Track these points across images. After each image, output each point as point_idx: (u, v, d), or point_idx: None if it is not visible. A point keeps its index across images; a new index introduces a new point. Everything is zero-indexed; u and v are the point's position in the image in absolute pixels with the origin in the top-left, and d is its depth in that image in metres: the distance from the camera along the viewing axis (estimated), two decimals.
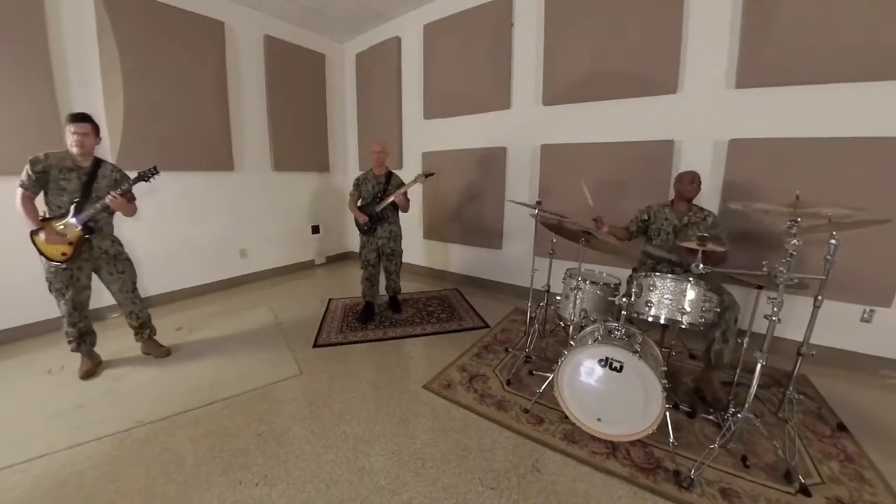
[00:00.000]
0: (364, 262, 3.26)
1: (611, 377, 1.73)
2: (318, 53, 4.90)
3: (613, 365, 1.72)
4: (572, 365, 1.81)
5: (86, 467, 1.74)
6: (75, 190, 2.24)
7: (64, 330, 2.44)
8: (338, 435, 1.88)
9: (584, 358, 1.79)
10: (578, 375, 1.81)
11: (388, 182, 3.12)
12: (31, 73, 2.94)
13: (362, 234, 3.20)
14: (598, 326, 1.92)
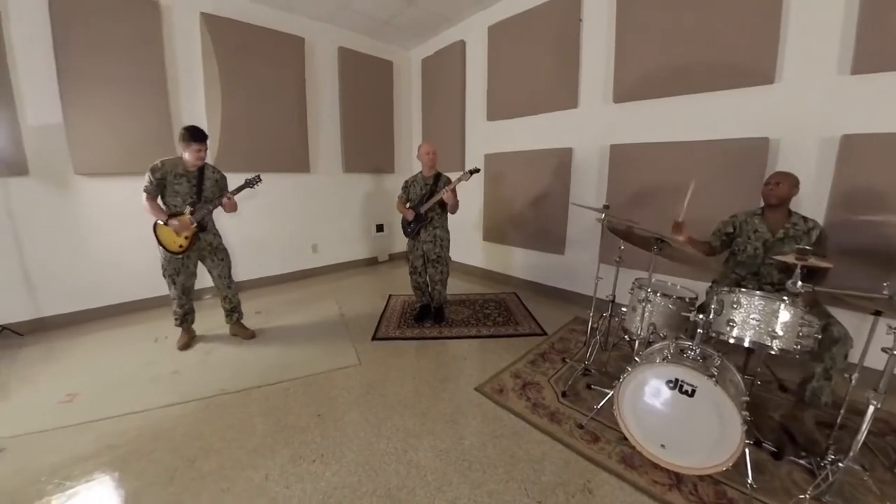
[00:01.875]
0: (412, 268, 3.21)
1: (680, 401, 1.57)
2: (387, 61, 5.16)
3: (684, 388, 1.56)
4: (636, 383, 1.68)
5: (176, 424, 2.01)
6: (186, 192, 2.62)
7: (173, 309, 2.87)
8: (389, 426, 1.95)
9: (650, 377, 1.65)
10: (642, 395, 1.67)
11: (437, 184, 3.03)
12: (151, 89, 3.51)
13: (407, 237, 3.17)
14: (668, 344, 1.76)
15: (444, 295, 3.25)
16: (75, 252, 3.41)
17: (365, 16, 4.36)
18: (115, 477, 1.69)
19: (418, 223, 3.02)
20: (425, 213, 2.97)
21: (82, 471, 1.72)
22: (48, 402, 2.26)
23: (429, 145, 3.04)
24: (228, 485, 1.61)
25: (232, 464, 1.73)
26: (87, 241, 3.45)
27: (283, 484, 1.60)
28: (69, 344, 3.06)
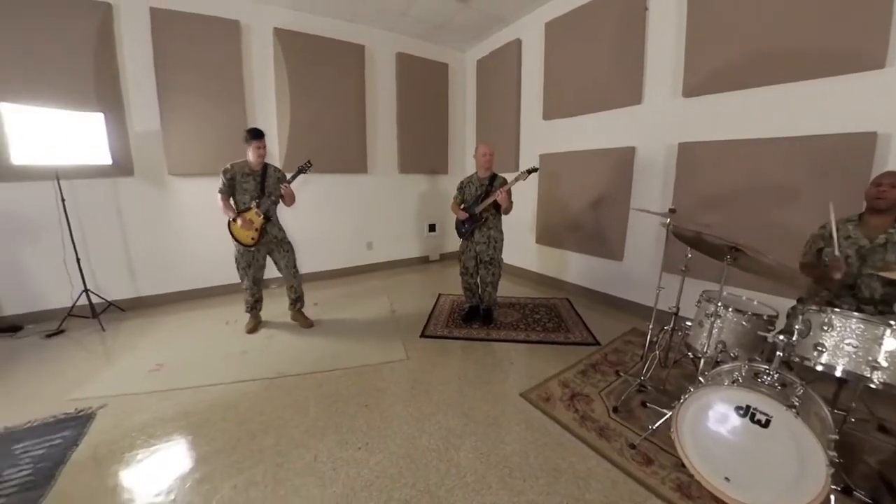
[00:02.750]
0: (463, 269, 3.19)
1: (751, 431, 1.41)
2: (442, 63, 5.24)
3: (756, 417, 1.39)
4: (699, 406, 1.54)
5: (241, 399, 2.22)
6: (252, 189, 2.89)
7: (244, 297, 3.18)
8: (433, 423, 1.97)
9: (716, 400, 1.50)
10: (706, 420, 1.52)
11: (492, 184, 2.99)
12: (231, 99, 3.93)
13: (461, 238, 3.17)
14: (739, 365, 1.58)
15: (493, 297, 3.21)
16: (167, 242, 3.91)
17: (421, 21, 4.47)
18: (189, 440, 1.90)
19: (472, 224, 3.01)
20: (480, 213, 2.97)
21: (163, 431, 1.95)
22: (141, 369, 2.61)
23: (486, 146, 3.02)
24: (282, 460, 1.74)
25: (286, 441, 1.86)
26: (176, 234, 3.94)
27: (331, 466, 1.69)
28: (159, 321, 3.50)
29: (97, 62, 3.38)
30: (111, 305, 3.67)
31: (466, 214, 3.01)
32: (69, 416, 2.12)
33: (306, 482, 1.61)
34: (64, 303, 3.47)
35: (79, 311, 3.41)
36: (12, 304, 3.45)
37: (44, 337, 3.17)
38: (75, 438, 1.93)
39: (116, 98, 3.51)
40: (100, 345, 3.06)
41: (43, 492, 1.61)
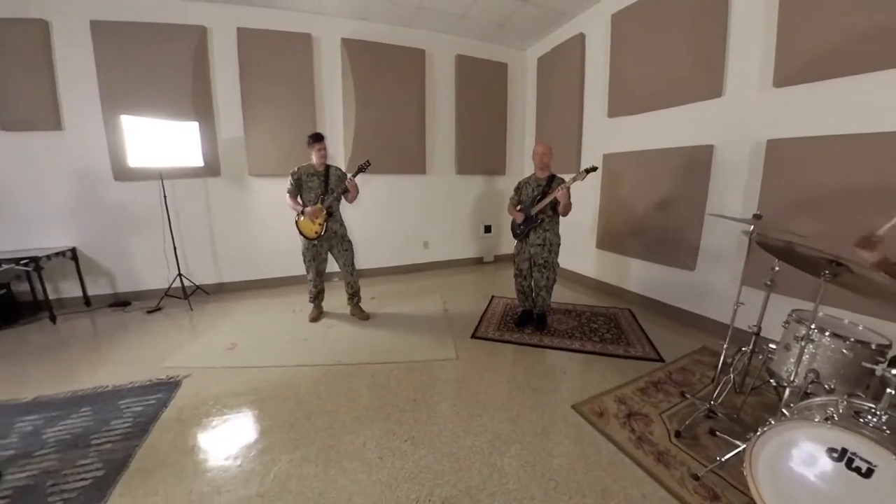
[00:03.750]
0: (517, 271, 3.14)
1: (847, 479, 1.20)
2: (502, 63, 5.17)
3: (855, 464, 1.18)
4: (781, 442, 1.35)
5: (302, 382, 2.39)
6: (317, 188, 3.13)
7: (309, 288, 3.42)
8: (478, 425, 1.96)
9: (803, 438, 1.30)
10: (788, 460, 1.33)
11: (549, 185, 2.88)
12: (302, 105, 4.27)
13: (516, 239, 3.12)
14: (835, 400, 1.36)
15: (548, 302, 3.11)
16: (246, 235, 4.36)
17: (480, 22, 4.45)
18: (255, 414, 2.09)
19: (528, 225, 2.95)
20: (536, 215, 2.90)
21: (234, 403, 2.18)
22: (220, 346, 2.92)
23: (542, 145, 2.96)
24: (334, 442, 1.84)
25: (339, 425, 1.96)
26: (253, 228, 4.37)
27: (377, 454, 1.76)
28: (236, 305, 3.89)
29: (194, 78, 3.90)
30: (198, 289, 4.17)
31: (522, 215, 2.96)
32: (162, 381, 2.44)
33: (354, 466, 1.69)
34: (162, 284, 4.03)
35: (173, 292, 3.94)
36: (124, 283, 4.08)
37: (145, 312, 3.71)
38: (165, 401, 2.22)
39: (208, 109, 4.01)
40: (188, 322, 3.48)
41: (138, 442, 1.88)
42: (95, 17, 3.59)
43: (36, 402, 2.26)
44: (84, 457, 1.79)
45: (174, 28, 3.77)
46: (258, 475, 1.65)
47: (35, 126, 3.63)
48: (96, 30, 3.60)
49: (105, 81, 3.69)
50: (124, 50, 3.67)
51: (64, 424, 2.04)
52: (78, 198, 3.82)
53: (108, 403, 2.21)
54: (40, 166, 3.71)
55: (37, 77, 3.55)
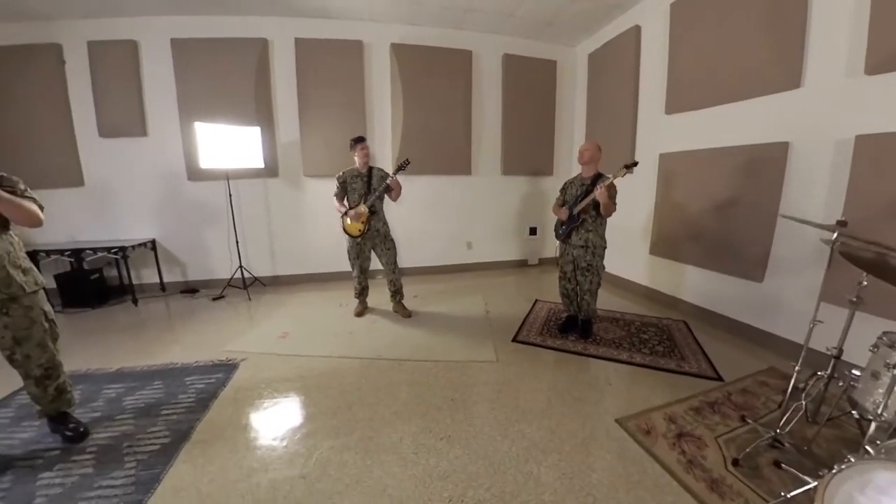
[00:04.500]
0: (561, 273, 3.06)
1: None
2: (550, 61, 5.04)
3: None
4: (862, 482, 1.18)
5: (346, 373, 2.50)
6: (360, 188, 3.26)
7: (354, 285, 3.56)
8: (516, 430, 1.93)
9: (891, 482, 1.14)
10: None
11: (594, 185, 2.73)
12: (353, 110, 4.47)
13: (557, 240, 3.06)
14: None
15: (592, 307, 2.98)
16: (299, 232, 4.64)
17: (529, 20, 4.37)
18: (301, 400, 2.22)
19: (569, 225, 2.87)
20: (578, 214, 2.80)
21: (284, 388, 2.32)
22: (273, 334, 3.13)
23: (588, 143, 2.88)
24: (373, 434, 1.90)
25: (378, 418, 2.02)
26: (306, 225, 4.64)
27: (413, 450, 1.79)
28: (289, 297, 4.15)
29: (257, 87, 4.23)
30: (256, 280, 4.50)
31: (566, 214, 2.88)
32: (222, 363, 2.66)
33: (390, 459, 1.73)
34: (225, 275, 4.40)
35: (235, 282, 4.31)
36: (194, 272, 4.53)
37: (211, 300, 4.08)
38: (224, 380, 2.42)
39: (269, 114, 4.34)
40: (246, 311, 3.77)
41: (200, 416, 2.07)
42: (175, 36, 4.05)
43: (119, 373, 2.56)
44: (154, 424, 2.01)
45: (240, 42, 4.13)
46: (301, 457, 1.74)
47: (125, 133, 4.17)
48: (176, 47, 4.06)
49: (182, 92, 4.14)
50: (198, 63, 4.09)
51: (140, 394, 2.30)
52: (158, 196, 4.32)
53: (177, 379, 2.46)
54: (128, 168, 4.24)
55: (127, 90, 4.08)
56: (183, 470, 1.69)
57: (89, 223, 4.28)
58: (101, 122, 4.11)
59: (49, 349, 1.81)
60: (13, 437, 1.94)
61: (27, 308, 1.72)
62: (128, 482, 1.62)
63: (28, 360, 1.76)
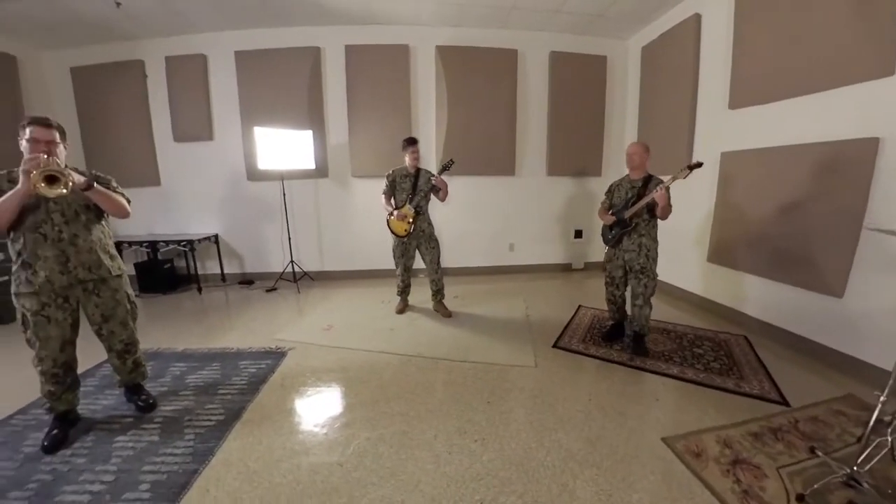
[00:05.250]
0: (608, 279, 2.89)
1: None
2: (600, 56, 4.82)
3: None
4: None
5: (385, 368, 2.57)
6: (408, 188, 3.32)
7: (397, 282, 3.64)
8: (552, 439, 1.87)
9: None
10: None
11: (645, 187, 2.62)
12: (399, 112, 4.59)
13: (607, 245, 2.89)
14: None
15: (646, 316, 2.75)
16: (346, 230, 4.85)
17: (577, 14, 4.21)
18: (342, 390, 2.32)
19: (620, 229, 2.72)
20: (629, 218, 2.65)
21: (326, 378, 2.44)
22: (319, 326, 3.30)
23: (634, 145, 2.71)
24: (408, 429, 1.93)
25: (414, 413, 2.06)
26: (353, 223, 4.84)
27: (447, 448, 1.79)
28: (335, 291, 4.35)
29: (310, 92, 4.49)
30: (306, 275, 4.78)
31: (613, 219, 2.73)
32: (272, 350, 2.85)
33: (424, 455, 1.75)
34: (278, 268, 4.71)
35: (286, 276, 4.59)
36: (250, 265, 4.91)
37: (265, 291, 4.39)
38: (273, 367, 2.59)
39: (320, 118, 4.58)
40: (296, 303, 4.00)
41: (251, 398, 2.23)
42: (239, 48, 4.43)
43: (183, 353, 2.83)
44: (211, 402, 2.20)
45: (296, 51, 4.41)
46: (340, 445, 1.82)
47: (195, 137, 4.63)
48: (239, 58, 4.45)
49: (244, 99, 4.52)
50: (258, 72, 4.45)
51: (200, 374, 2.52)
52: (221, 194, 4.74)
53: (232, 362, 2.66)
54: (197, 169, 4.69)
55: (198, 99, 4.53)
56: (234, 446, 1.83)
57: (163, 218, 4.80)
58: (175, 128, 4.60)
59: (129, 327, 2.05)
60: (97, 403, 2.21)
61: (114, 290, 1.95)
62: (186, 452, 1.79)
63: (112, 336, 1.99)
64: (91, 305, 1.90)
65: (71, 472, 1.69)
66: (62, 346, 1.83)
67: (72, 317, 1.85)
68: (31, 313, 1.75)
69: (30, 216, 1.69)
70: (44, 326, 1.77)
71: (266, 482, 1.61)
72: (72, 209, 1.79)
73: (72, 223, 1.79)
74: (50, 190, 1.56)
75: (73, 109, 4.60)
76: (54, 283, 1.75)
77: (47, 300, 1.76)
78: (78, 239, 1.80)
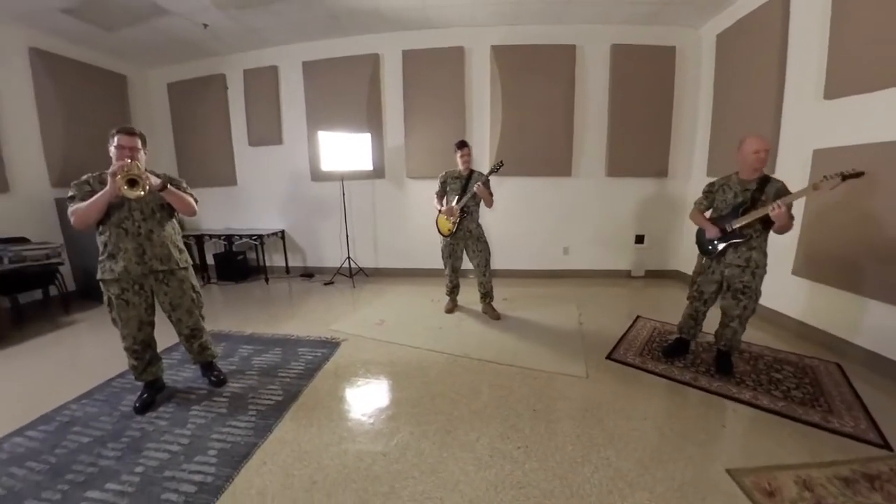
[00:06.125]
0: (695, 293, 2.56)
1: None
2: (668, 47, 4.42)
3: None
4: None
5: (431, 366, 2.62)
6: (458, 189, 3.34)
7: (445, 282, 3.69)
8: (601, 456, 1.77)
9: None
10: None
11: (762, 191, 2.21)
12: (453, 114, 4.64)
13: (705, 257, 2.53)
14: None
15: (738, 338, 2.46)
16: (400, 229, 5.02)
17: (641, 4, 3.91)
18: (389, 384, 2.41)
19: (727, 240, 2.35)
20: (738, 229, 2.26)
21: (375, 371, 2.55)
22: (371, 320, 3.44)
23: (760, 140, 2.24)
24: (451, 428, 1.95)
25: (457, 414, 2.07)
26: (406, 223, 4.99)
27: (489, 452, 1.78)
28: (387, 287, 4.52)
29: (369, 97, 4.71)
30: (360, 271, 5.02)
31: (717, 230, 2.36)
32: (327, 340, 3.02)
33: (465, 456, 1.75)
34: (335, 263, 5.03)
35: (343, 271, 4.87)
36: (311, 259, 5.30)
37: (323, 284, 4.69)
38: (328, 355, 2.75)
39: (378, 121, 4.78)
40: (350, 297, 4.22)
41: (307, 383, 2.40)
42: (305, 59, 4.79)
43: (251, 337, 3.10)
44: (272, 383, 2.40)
45: (357, 58, 4.67)
46: (384, 436, 1.88)
47: (267, 142, 5.11)
48: (306, 68, 4.82)
49: (309, 105, 4.89)
50: (322, 80, 4.78)
51: (264, 357, 2.75)
52: (288, 194, 5.17)
53: (292, 348, 2.87)
54: (267, 171, 5.18)
55: (269, 106, 4.99)
56: (289, 426, 1.98)
57: (238, 215, 5.38)
58: (250, 133, 5.13)
59: (195, 315, 2.28)
60: (178, 375, 2.52)
61: (181, 281, 2.19)
62: (248, 427, 1.97)
63: (180, 323, 2.25)
64: (161, 294, 2.15)
65: (154, 432, 1.96)
66: (140, 326, 2.09)
67: (146, 302, 2.10)
68: (114, 297, 2.02)
69: (115, 213, 1.96)
70: (124, 308, 2.03)
71: (315, 462, 1.72)
72: (149, 207, 2.04)
73: (148, 220, 2.05)
74: (131, 192, 1.80)
75: (168, 119, 5.37)
76: (131, 272, 2.00)
77: (126, 286, 2.02)
78: (153, 234, 2.06)
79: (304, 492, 1.58)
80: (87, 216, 1.88)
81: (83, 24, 3.90)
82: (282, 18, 4.11)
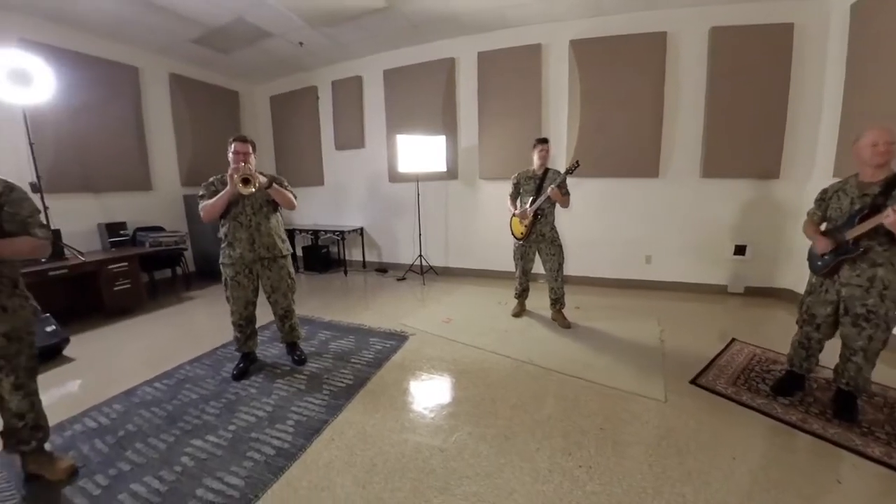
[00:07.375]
0: (806, 317, 2.17)
1: None
2: (783, 25, 3.68)
3: None
4: None
5: (494, 368, 2.60)
6: (531, 190, 3.24)
7: (515, 285, 3.62)
8: (675, 491, 1.58)
9: None
10: None
11: (888, 194, 1.81)
12: (528, 114, 4.52)
13: (816, 274, 2.13)
14: None
15: (865, 376, 2.02)
16: (471, 229, 5.06)
17: None
18: (452, 382, 2.44)
19: (839, 256, 1.96)
20: (853, 241, 1.88)
21: (439, 367, 2.60)
22: (438, 317, 3.53)
23: (883, 131, 1.82)
24: (510, 435, 1.91)
25: (518, 422, 2.01)
26: (477, 223, 5.02)
27: (548, 466, 1.70)
28: (456, 287, 4.58)
29: (444, 100, 4.83)
30: (431, 269, 5.17)
31: (826, 242, 2.00)
32: (397, 333, 3.17)
33: (522, 466, 1.70)
34: (408, 261, 5.26)
35: (414, 268, 5.08)
36: (386, 255, 5.64)
37: (396, 280, 4.95)
38: (396, 348, 2.88)
39: (452, 124, 4.88)
40: (420, 294, 4.36)
41: (375, 371, 2.55)
42: (386, 67, 5.13)
43: (329, 323, 3.39)
44: (345, 367, 2.60)
45: (433, 63, 4.82)
46: (443, 432, 1.91)
47: (351, 146, 5.57)
48: (386, 76, 5.16)
49: (389, 110, 5.20)
50: (400, 86, 5.06)
51: (339, 343, 2.98)
52: (367, 194, 5.58)
53: (364, 338, 3.06)
54: (350, 172, 5.66)
55: (354, 113, 5.44)
56: (356, 409, 2.12)
57: (324, 212, 5.97)
58: (336, 138, 5.66)
59: (288, 298, 2.60)
60: (267, 351, 2.87)
61: (281, 267, 2.52)
62: (322, 405, 2.17)
63: (276, 304, 2.58)
64: (265, 277, 2.49)
65: (246, 397, 2.28)
66: (246, 304, 2.46)
67: (252, 284, 2.47)
68: (230, 278, 2.41)
69: (232, 208, 2.34)
70: (236, 289, 2.41)
71: (376, 447, 1.82)
72: (258, 202, 2.38)
73: (257, 213, 2.39)
74: (245, 189, 2.15)
75: (269, 128, 6.22)
76: (244, 258, 2.36)
77: (239, 269, 2.39)
78: (261, 226, 2.40)
79: (364, 472, 1.67)
80: (213, 211, 2.28)
81: (207, 49, 4.67)
82: (366, 31, 4.42)
